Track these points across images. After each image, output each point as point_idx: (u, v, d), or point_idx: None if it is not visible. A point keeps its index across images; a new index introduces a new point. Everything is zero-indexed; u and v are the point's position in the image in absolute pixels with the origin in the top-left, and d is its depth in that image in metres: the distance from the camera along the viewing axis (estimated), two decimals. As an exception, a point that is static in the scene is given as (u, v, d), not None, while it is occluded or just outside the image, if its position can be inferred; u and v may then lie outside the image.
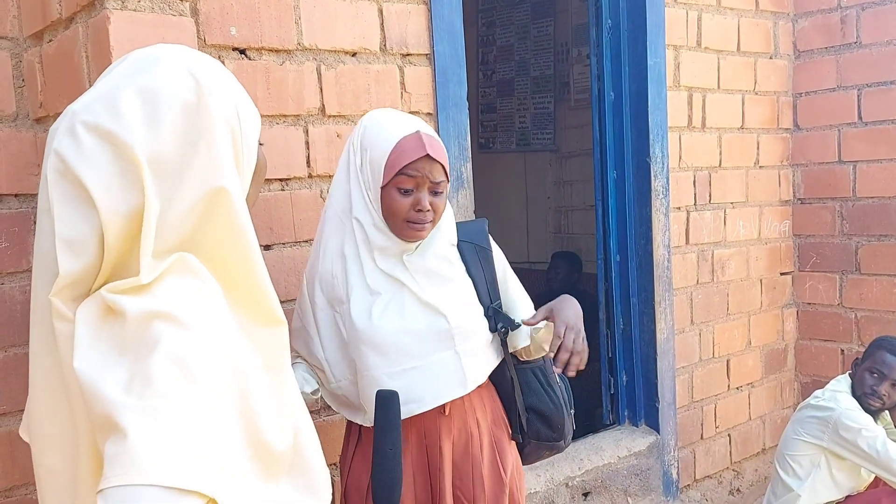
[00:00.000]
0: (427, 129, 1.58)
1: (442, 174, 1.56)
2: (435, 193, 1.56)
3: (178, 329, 0.80)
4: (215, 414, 0.80)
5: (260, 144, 1.04)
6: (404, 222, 1.55)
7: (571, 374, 1.59)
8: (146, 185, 0.83)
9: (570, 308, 1.62)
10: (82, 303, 0.84)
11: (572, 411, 1.84)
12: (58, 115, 1.83)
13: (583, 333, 1.59)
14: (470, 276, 1.68)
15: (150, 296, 0.82)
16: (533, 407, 1.77)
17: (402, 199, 1.53)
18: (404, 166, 1.52)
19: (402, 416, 1.50)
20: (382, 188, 1.54)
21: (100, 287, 0.84)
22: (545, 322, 1.64)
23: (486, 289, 1.70)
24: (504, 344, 1.73)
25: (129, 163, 0.83)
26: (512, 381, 1.75)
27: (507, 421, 1.76)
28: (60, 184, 0.83)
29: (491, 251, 1.74)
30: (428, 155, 1.52)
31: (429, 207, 1.54)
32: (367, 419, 1.62)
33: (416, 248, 1.61)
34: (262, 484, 0.89)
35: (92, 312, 0.82)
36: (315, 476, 0.98)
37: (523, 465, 1.84)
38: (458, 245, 1.69)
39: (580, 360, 1.58)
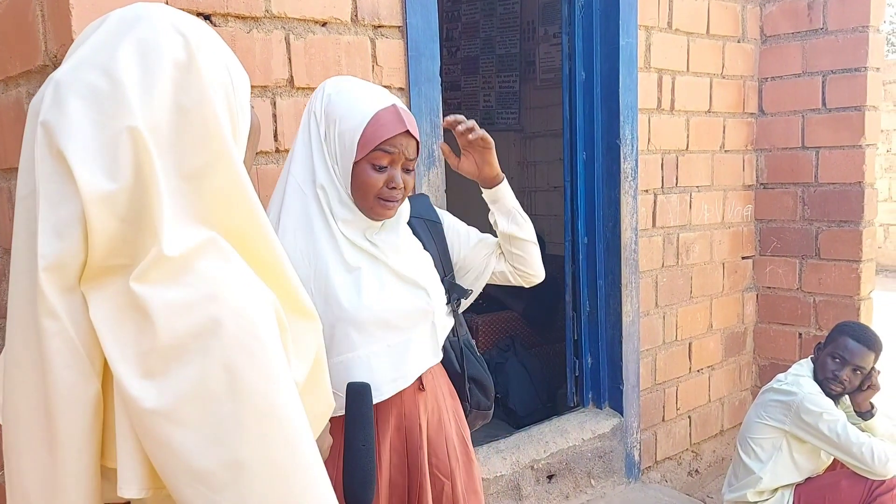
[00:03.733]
0: (399, 102, 1.52)
1: (416, 151, 1.52)
2: (407, 171, 1.52)
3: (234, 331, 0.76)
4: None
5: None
6: (375, 199, 1.48)
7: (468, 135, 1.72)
8: (151, 153, 0.76)
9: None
10: (92, 296, 0.76)
11: None
12: (8, 79, 1.73)
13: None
14: (426, 250, 1.67)
15: (186, 287, 0.76)
16: (473, 376, 1.76)
17: (377, 176, 1.47)
18: (382, 142, 1.45)
19: (389, 393, 1.48)
20: (355, 163, 1.46)
21: (95, 275, 0.77)
22: None
23: (440, 261, 1.71)
24: (455, 315, 1.72)
25: (120, 132, 0.75)
26: (461, 351, 1.74)
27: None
28: (47, 160, 0.75)
29: (441, 224, 1.76)
30: (407, 131, 1.47)
31: (402, 185, 1.50)
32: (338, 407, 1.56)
33: (381, 225, 1.55)
34: None
35: (112, 310, 0.76)
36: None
37: None
38: (409, 222, 1.66)
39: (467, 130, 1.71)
